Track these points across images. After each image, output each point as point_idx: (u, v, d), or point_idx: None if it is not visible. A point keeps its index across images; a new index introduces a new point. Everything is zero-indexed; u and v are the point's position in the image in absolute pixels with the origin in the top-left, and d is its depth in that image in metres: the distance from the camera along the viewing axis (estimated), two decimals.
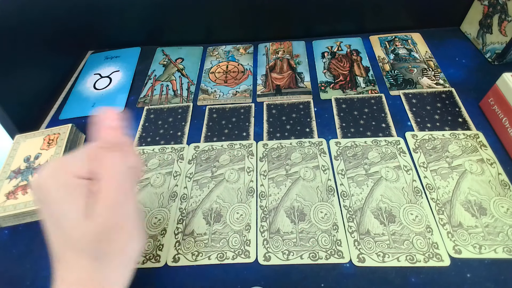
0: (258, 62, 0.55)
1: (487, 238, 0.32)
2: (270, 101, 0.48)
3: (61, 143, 0.41)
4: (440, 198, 0.35)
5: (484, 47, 0.50)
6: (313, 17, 0.56)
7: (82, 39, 0.60)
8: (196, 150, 0.42)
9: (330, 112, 0.45)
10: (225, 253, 0.33)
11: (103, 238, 0.23)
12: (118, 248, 0.24)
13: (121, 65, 0.57)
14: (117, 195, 0.23)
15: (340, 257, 0.32)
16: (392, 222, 0.34)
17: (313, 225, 0.34)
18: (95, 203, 0.23)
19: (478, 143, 0.39)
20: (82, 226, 0.22)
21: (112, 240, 0.23)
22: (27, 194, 0.37)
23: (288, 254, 0.32)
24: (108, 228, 0.23)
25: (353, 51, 0.54)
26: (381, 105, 0.45)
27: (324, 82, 0.50)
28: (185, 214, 0.36)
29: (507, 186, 0.35)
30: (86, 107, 0.50)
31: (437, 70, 0.49)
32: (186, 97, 0.50)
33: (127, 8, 0.55)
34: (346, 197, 0.36)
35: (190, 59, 0.57)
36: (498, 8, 0.47)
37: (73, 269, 0.23)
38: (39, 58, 0.52)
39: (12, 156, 0.41)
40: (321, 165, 0.39)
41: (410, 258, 0.31)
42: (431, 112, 0.43)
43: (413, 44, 0.54)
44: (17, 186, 0.38)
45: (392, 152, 0.39)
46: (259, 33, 0.59)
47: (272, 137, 0.43)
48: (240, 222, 0.35)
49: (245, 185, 0.38)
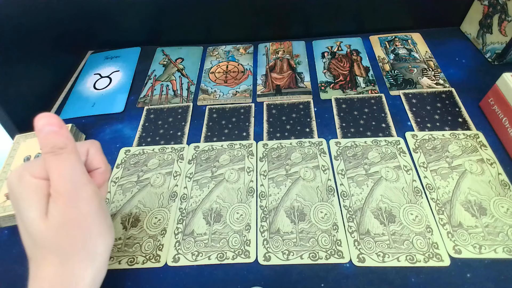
0: (258, 62, 0.55)
1: (487, 238, 0.32)
2: (270, 101, 0.48)
3: None
4: (440, 198, 0.35)
5: (484, 47, 0.50)
6: (313, 17, 0.56)
7: (82, 39, 0.60)
8: (196, 150, 0.42)
9: (330, 112, 0.45)
10: (225, 253, 0.33)
11: (60, 235, 0.24)
12: (79, 244, 0.25)
13: (121, 65, 0.57)
14: (67, 194, 0.24)
15: (340, 257, 0.32)
16: (392, 222, 0.34)
17: (313, 225, 0.34)
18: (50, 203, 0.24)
19: (478, 143, 0.39)
20: (40, 224, 0.23)
21: (70, 236, 0.24)
22: None
23: (288, 254, 0.32)
24: (63, 226, 0.24)
25: (353, 51, 0.54)
26: (381, 105, 0.45)
27: (324, 82, 0.50)
28: (185, 214, 0.36)
29: (507, 186, 0.35)
30: (86, 107, 0.50)
31: (437, 70, 0.49)
32: (186, 97, 0.50)
33: (127, 8, 0.55)
34: (346, 197, 0.36)
35: (190, 59, 0.57)
36: (498, 8, 0.47)
37: (42, 266, 0.24)
38: (39, 58, 0.52)
39: (12, 156, 0.41)
40: (321, 165, 0.39)
41: (410, 258, 0.31)
42: (431, 112, 0.43)
43: (413, 44, 0.54)
44: None
45: (392, 152, 0.39)
46: (259, 33, 0.59)
47: (272, 137, 0.43)
48: (240, 222, 0.35)
49: (245, 185, 0.38)
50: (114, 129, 0.47)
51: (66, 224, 0.24)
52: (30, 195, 0.24)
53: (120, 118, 0.48)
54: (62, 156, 0.23)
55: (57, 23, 0.54)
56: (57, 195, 0.24)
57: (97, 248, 0.26)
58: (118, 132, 0.46)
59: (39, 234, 0.24)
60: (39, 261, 0.24)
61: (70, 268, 0.24)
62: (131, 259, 0.33)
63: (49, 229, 0.23)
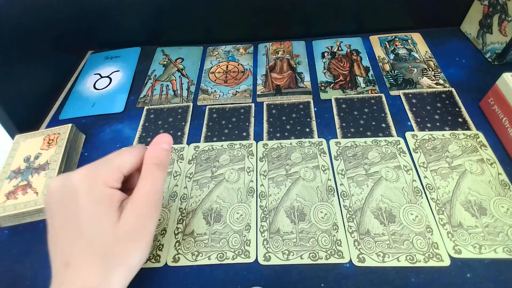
0: (258, 62, 0.55)
1: (487, 238, 0.32)
2: (270, 101, 0.48)
3: (61, 143, 0.41)
4: (440, 198, 0.35)
5: (484, 47, 0.50)
6: (313, 17, 0.56)
7: (82, 39, 0.60)
8: (196, 150, 0.42)
9: (330, 112, 0.45)
10: (225, 253, 0.33)
11: (122, 243, 0.24)
12: (129, 257, 0.25)
13: (121, 65, 0.57)
14: (149, 208, 0.26)
15: (340, 257, 0.32)
16: (392, 222, 0.34)
17: (313, 225, 0.34)
18: (125, 209, 0.25)
19: (478, 143, 0.39)
20: (108, 230, 0.24)
21: (129, 247, 0.25)
22: (27, 194, 0.37)
23: (288, 254, 0.32)
24: (129, 234, 0.25)
25: (353, 51, 0.54)
26: (381, 105, 0.45)
27: (324, 82, 0.50)
28: (185, 214, 0.36)
29: (507, 186, 0.35)
30: (86, 107, 0.50)
31: (437, 70, 0.49)
32: (186, 97, 0.50)
33: (127, 8, 0.55)
34: (346, 197, 0.36)
35: (190, 59, 0.57)
36: (498, 8, 0.47)
37: (83, 272, 0.23)
38: (39, 58, 0.52)
39: (12, 156, 0.41)
40: (321, 165, 0.39)
41: (410, 258, 0.31)
42: (431, 112, 0.43)
43: (413, 44, 0.54)
44: (17, 186, 0.38)
45: (392, 152, 0.39)
46: (259, 33, 0.59)
47: (272, 137, 0.43)
48: (240, 222, 0.35)
49: (245, 185, 0.38)
50: (114, 129, 0.47)
51: (131, 234, 0.25)
52: (104, 203, 0.25)
53: (120, 118, 0.48)
54: (161, 171, 0.27)
55: (57, 23, 0.54)
56: (140, 206, 0.25)
57: (138, 264, 0.26)
58: (118, 132, 0.46)
59: (104, 239, 0.24)
60: (82, 269, 0.23)
61: (109, 280, 0.24)
62: None
63: (115, 234, 0.24)
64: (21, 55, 0.48)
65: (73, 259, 0.24)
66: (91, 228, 0.24)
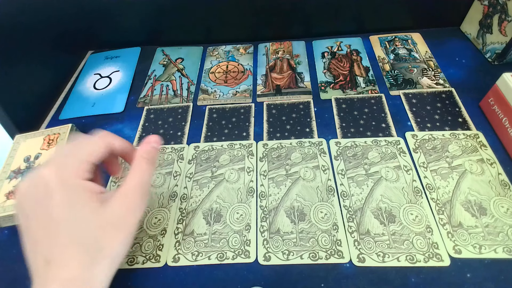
0: (258, 62, 0.55)
1: (487, 238, 0.32)
2: (270, 101, 0.48)
3: (61, 143, 0.41)
4: (440, 198, 0.35)
5: (484, 47, 0.50)
6: (313, 17, 0.56)
7: (82, 39, 0.60)
8: (196, 150, 0.42)
9: (330, 112, 0.45)
10: (225, 253, 0.33)
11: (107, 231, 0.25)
12: (111, 246, 0.25)
13: (121, 65, 0.57)
14: (138, 198, 0.27)
15: (340, 257, 0.32)
16: (392, 222, 0.34)
17: (313, 225, 0.34)
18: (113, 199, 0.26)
19: (478, 143, 0.39)
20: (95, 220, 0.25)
21: (112, 237, 0.25)
22: None
23: (288, 254, 0.32)
24: (116, 225, 0.25)
25: (353, 51, 0.54)
26: (381, 105, 0.45)
27: (324, 82, 0.50)
28: (185, 214, 0.36)
29: (507, 186, 0.35)
30: (86, 107, 0.50)
31: (437, 70, 0.49)
32: (186, 97, 0.50)
33: (127, 8, 0.55)
34: (346, 197, 0.36)
35: (190, 59, 0.57)
36: (498, 8, 0.47)
37: (66, 267, 0.23)
38: (39, 58, 0.52)
39: (12, 156, 0.41)
40: (321, 165, 0.39)
41: (410, 258, 0.31)
42: (431, 112, 0.43)
43: (413, 44, 0.54)
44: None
45: (392, 152, 0.39)
46: (259, 33, 0.59)
47: (272, 137, 0.43)
48: (240, 222, 0.35)
49: (245, 185, 0.38)
50: (114, 129, 0.47)
51: (117, 223, 0.25)
52: (81, 194, 0.25)
53: (120, 118, 0.48)
54: (150, 165, 0.29)
55: (57, 22, 0.54)
56: (125, 194, 0.26)
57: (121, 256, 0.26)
58: (118, 132, 0.46)
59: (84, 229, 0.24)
60: (64, 262, 0.23)
61: (93, 272, 0.24)
62: (131, 259, 0.33)
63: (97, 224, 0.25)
64: (21, 55, 0.48)
65: (54, 256, 0.23)
66: (70, 221, 0.24)
